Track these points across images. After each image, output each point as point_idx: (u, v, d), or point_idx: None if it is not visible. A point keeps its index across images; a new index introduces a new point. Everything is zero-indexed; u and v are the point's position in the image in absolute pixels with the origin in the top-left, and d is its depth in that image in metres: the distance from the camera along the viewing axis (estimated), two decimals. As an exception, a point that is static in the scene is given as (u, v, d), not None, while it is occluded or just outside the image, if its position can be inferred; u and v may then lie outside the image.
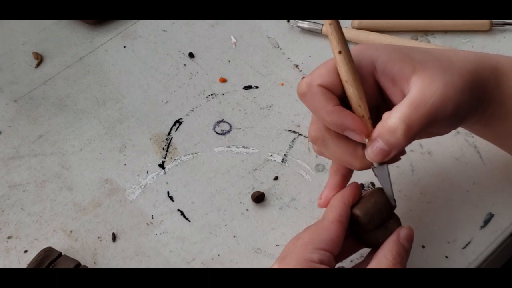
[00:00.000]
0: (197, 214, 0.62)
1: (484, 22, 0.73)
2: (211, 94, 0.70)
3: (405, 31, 0.74)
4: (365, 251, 0.55)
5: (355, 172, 0.63)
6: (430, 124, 0.47)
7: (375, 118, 0.50)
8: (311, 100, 0.49)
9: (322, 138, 0.50)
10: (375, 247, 0.51)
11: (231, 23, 0.77)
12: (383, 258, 0.49)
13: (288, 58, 0.73)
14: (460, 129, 0.66)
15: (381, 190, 0.52)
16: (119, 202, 0.63)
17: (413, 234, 0.51)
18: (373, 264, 0.49)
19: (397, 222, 0.52)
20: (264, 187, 0.63)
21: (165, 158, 0.66)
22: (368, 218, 0.51)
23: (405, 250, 0.50)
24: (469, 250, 0.58)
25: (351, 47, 0.50)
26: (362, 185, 0.62)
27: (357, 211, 0.51)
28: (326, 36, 0.74)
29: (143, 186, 0.64)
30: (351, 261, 0.56)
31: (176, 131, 0.68)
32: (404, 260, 0.50)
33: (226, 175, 0.64)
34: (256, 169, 0.64)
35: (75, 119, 0.69)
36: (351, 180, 0.54)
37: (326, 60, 0.50)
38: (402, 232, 0.50)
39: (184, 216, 0.62)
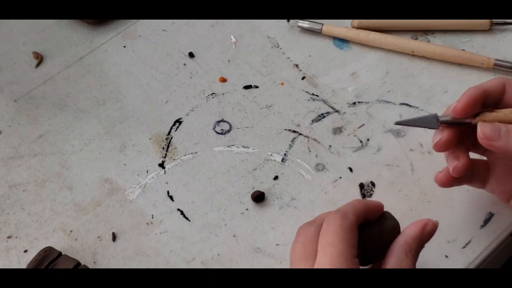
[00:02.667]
0: (197, 214, 0.62)
1: (484, 22, 0.73)
2: (211, 94, 0.70)
3: (405, 31, 0.74)
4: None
5: (355, 171, 0.63)
6: None
7: None
8: None
9: None
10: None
11: (231, 23, 0.77)
12: (404, 257, 0.49)
13: (288, 58, 0.73)
14: (460, 128, 0.66)
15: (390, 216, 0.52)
16: (119, 202, 0.63)
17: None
18: (393, 263, 0.48)
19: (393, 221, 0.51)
20: (264, 186, 0.63)
21: (165, 157, 0.66)
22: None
23: (422, 246, 0.50)
24: (469, 250, 0.58)
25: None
26: (362, 185, 0.62)
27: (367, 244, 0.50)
28: (326, 36, 0.74)
29: (143, 186, 0.64)
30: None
31: (176, 130, 0.68)
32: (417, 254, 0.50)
33: (226, 175, 0.64)
34: (256, 168, 0.64)
35: (75, 119, 0.69)
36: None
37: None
38: (428, 227, 0.50)
39: (184, 216, 0.62)
